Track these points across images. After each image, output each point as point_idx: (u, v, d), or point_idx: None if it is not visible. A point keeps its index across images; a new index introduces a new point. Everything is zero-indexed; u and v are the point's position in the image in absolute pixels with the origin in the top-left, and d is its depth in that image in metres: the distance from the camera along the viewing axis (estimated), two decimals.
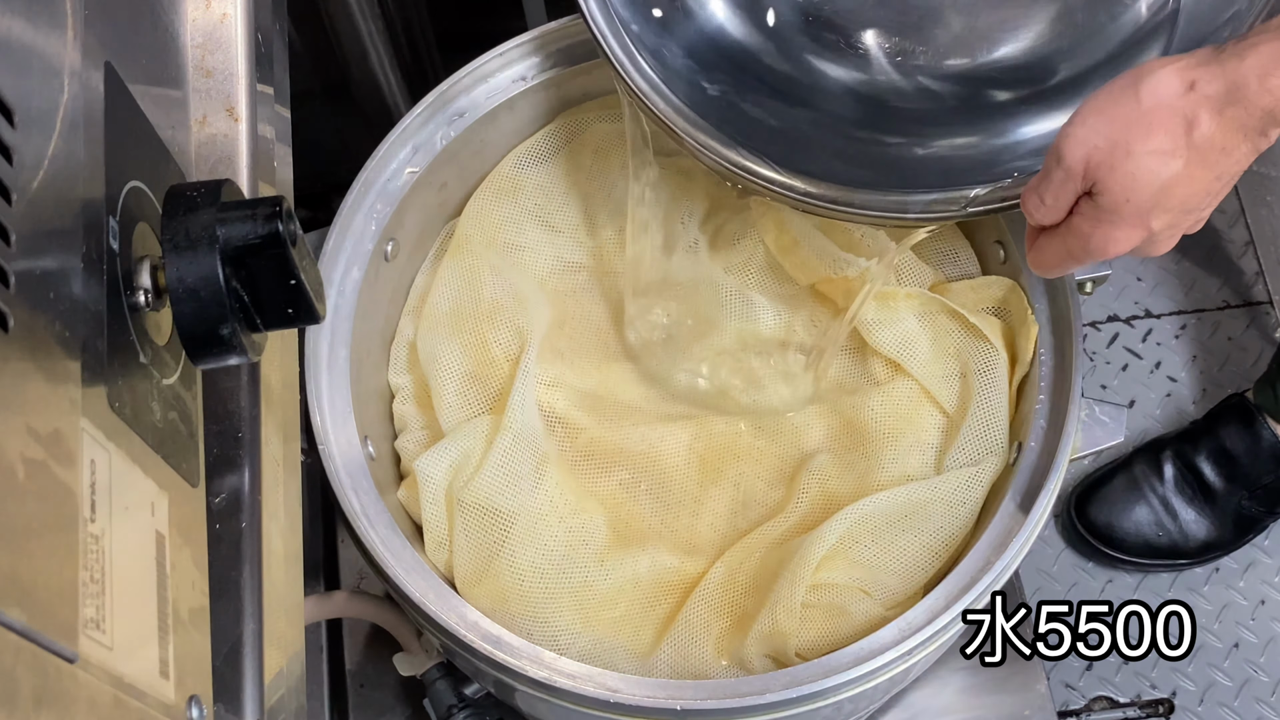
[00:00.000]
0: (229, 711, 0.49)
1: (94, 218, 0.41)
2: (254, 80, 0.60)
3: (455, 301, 0.80)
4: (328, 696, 0.95)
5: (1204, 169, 0.55)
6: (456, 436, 0.75)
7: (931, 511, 0.75)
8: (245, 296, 0.47)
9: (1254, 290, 1.42)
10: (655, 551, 0.76)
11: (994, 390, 0.76)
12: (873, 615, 0.72)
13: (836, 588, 0.73)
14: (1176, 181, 0.55)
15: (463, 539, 0.73)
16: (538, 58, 0.80)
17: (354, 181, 0.76)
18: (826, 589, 0.73)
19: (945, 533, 0.74)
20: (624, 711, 0.65)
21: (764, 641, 0.71)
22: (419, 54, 1.14)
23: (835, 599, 0.72)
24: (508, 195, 0.82)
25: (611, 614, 0.74)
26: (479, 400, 0.78)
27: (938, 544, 0.74)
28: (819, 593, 0.72)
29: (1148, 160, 0.55)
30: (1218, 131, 0.54)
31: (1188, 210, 0.57)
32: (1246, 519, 1.27)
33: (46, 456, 0.36)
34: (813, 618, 0.72)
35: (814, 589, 0.72)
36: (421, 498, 0.74)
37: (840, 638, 0.72)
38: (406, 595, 0.67)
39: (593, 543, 0.76)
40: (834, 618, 0.72)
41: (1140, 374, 1.39)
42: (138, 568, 0.41)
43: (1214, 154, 0.55)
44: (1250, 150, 0.56)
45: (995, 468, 0.75)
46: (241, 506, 0.53)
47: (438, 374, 0.78)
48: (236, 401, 0.55)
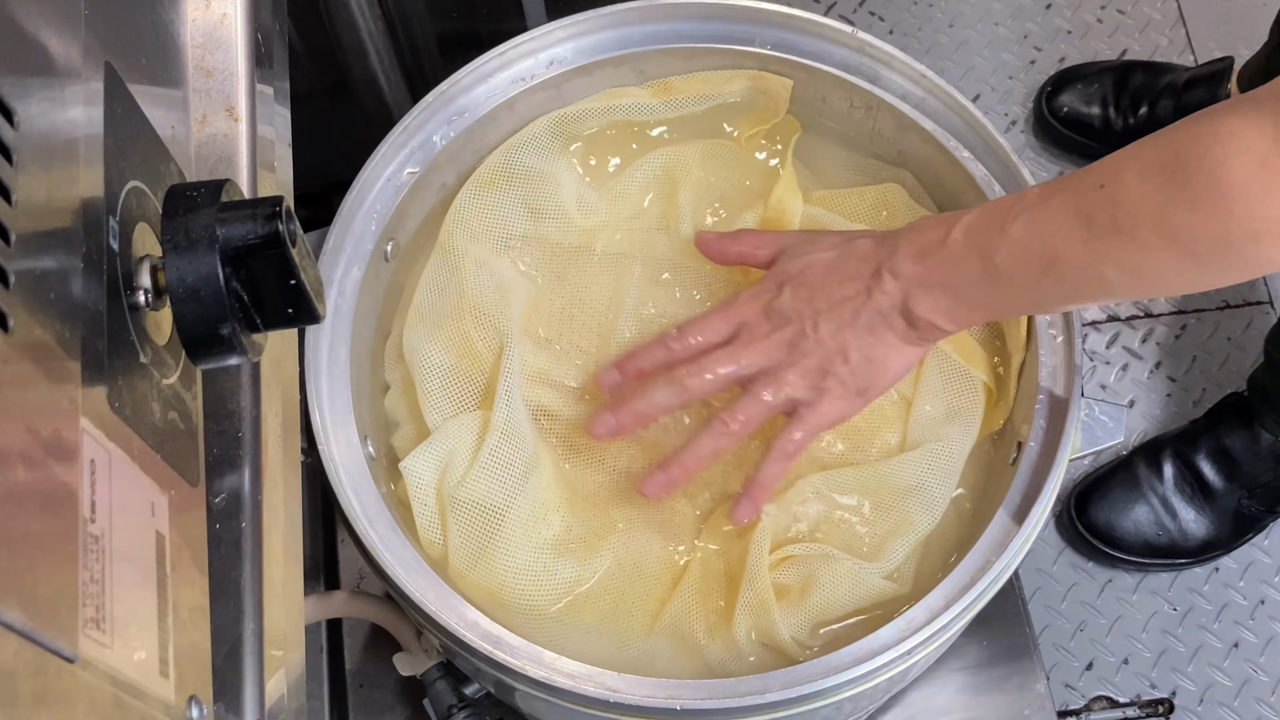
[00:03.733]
0: (229, 711, 0.49)
1: (94, 218, 0.41)
2: (254, 80, 0.60)
3: (438, 297, 0.79)
4: (328, 696, 0.95)
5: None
6: (442, 434, 0.75)
7: (896, 485, 0.75)
8: (245, 296, 0.47)
9: (1254, 290, 1.42)
10: (645, 542, 0.76)
11: (945, 365, 0.78)
12: (850, 576, 0.73)
13: (802, 559, 0.73)
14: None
15: (456, 535, 0.73)
16: (538, 58, 0.80)
17: (354, 181, 0.76)
18: (794, 562, 0.73)
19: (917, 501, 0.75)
20: (624, 711, 0.66)
21: (747, 617, 0.72)
22: (419, 54, 1.14)
23: (802, 569, 0.73)
24: (491, 187, 0.81)
25: (602, 606, 0.74)
26: (465, 396, 0.78)
27: (904, 514, 0.75)
28: (787, 567, 0.73)
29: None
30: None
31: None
32: (1246, 518, 1.27)
33: (46, 456, 0.36)
34: (788, 593, 0.73)
35: (782, 563, 0.73)
36: (411, 497, 0.74)
37: (818, 606, 0.72)
38: (406, 595, 0.67)
39: (584, 535, 0.76)
40: (807, 588, 0.73)
41: (1140, 374, 1.39)
42: (138, 568, 0.42)
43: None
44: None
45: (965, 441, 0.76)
46: (241, 506, 0.53)
47: (421, 370, 0.77)
48: (236, 401, 0.55)
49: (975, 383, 0.78)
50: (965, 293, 0.68)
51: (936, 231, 0.69)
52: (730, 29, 0.81)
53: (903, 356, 0.72)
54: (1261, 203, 0.56)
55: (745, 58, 0.81)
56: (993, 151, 0.77)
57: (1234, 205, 0.57)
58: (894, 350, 0.71)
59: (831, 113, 0.83)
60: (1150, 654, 1.27)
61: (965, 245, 0.67)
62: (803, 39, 0.80)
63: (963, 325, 0.70)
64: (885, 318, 0.70)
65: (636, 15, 0.80)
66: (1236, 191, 0.56)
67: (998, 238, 0.66)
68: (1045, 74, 1.52)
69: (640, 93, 0.82)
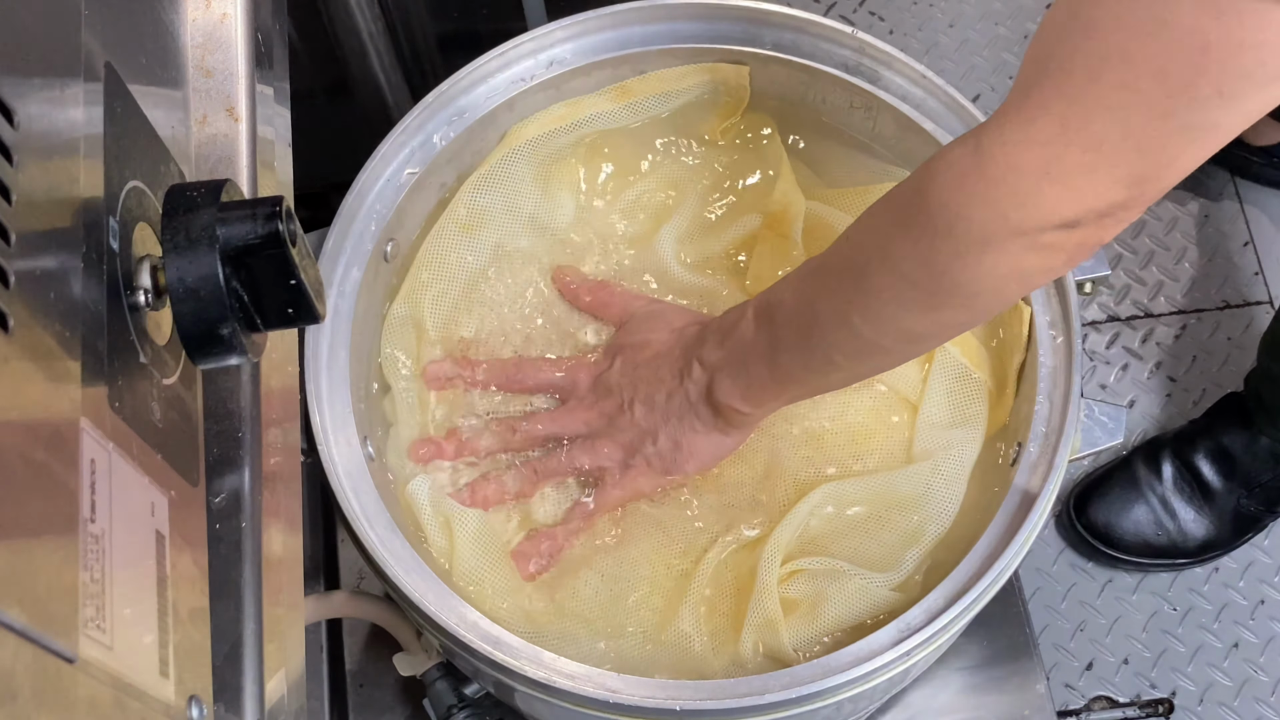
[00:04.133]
0: (229, 711, 0.49)
1: (94, 218, 0.41)
2: (254, 80, 0.60)
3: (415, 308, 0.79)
4: (328, 696, 0.95)
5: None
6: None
7: (904, 495, 0.75)
8: (245, 296, 0.47)
9: (1254, 290, 1.42)
10: (648, 555, 0.76)
11: (951, 369, 0.78)
12: (860, 592, 0.72)
13: (811, 574, 0.73)
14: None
15: (464, 549, 0.74)
16: (538, 58, 0.80)
17: (354, 181, 0.76)
18: (804, 576, 0.73)
19: (925, 510, 0.75)
20: (623, 712, 0.66)
21: (755, 634, 0.72)
22: (419, 54, 1.14)
23: (812, 586, 0.73)
24: (466, 230, 0.81)
25: (607, 619, 0.74)
26: (427, 411, 0.79)
27: (913, 524, 0.75)
28: (796, 581, 0.73)
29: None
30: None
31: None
32: (1245, 518, 1.27)
33: (46, 456, 0.36)
34: (797, 608, 0.73)
35: (791, 577, 0.73)
36: (420, 518, 0.74)
37: (827, 623, 0.72)
38: (406, 595, 0.67)
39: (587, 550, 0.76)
40: (817, 605, 0.72)
41: (1140, 374, 1.39)
42: (138, 568, 0.42)
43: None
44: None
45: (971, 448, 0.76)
46: (241, 506, 0.53)
47: (396, 381, 0.78)
48: (236, 401, 0.55)
49: (980, 388, 0.78)
50: (754, 369, 0.70)
51: (735, 313, 0.72)
52: (730, 29, 0.81)
53: (710, 442, 0.75)
54: (959, 217, 0.55)
55: (745, 58, 0.81)
56: None
57: (937, 222, 0.56)
58: (700, 437, 0.75)
59: (831, 113, 0.83)
60: (1150, 654, 1.28)
61: (754, 321, 0.70)
62: (803, 39, 0.80)
63: (757, 405, 0.72)
64: (693, 406, 0.74)
65: (636, 15, 0.80)
66: (937, 208, 0.55)
67: (777, 306, 0.68)
68: None
69: (599, 101, 0.82)
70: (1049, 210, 0.53)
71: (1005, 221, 0.53)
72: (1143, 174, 0.51)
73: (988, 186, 0.53)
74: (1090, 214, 0.52)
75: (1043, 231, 0.53)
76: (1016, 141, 0.52)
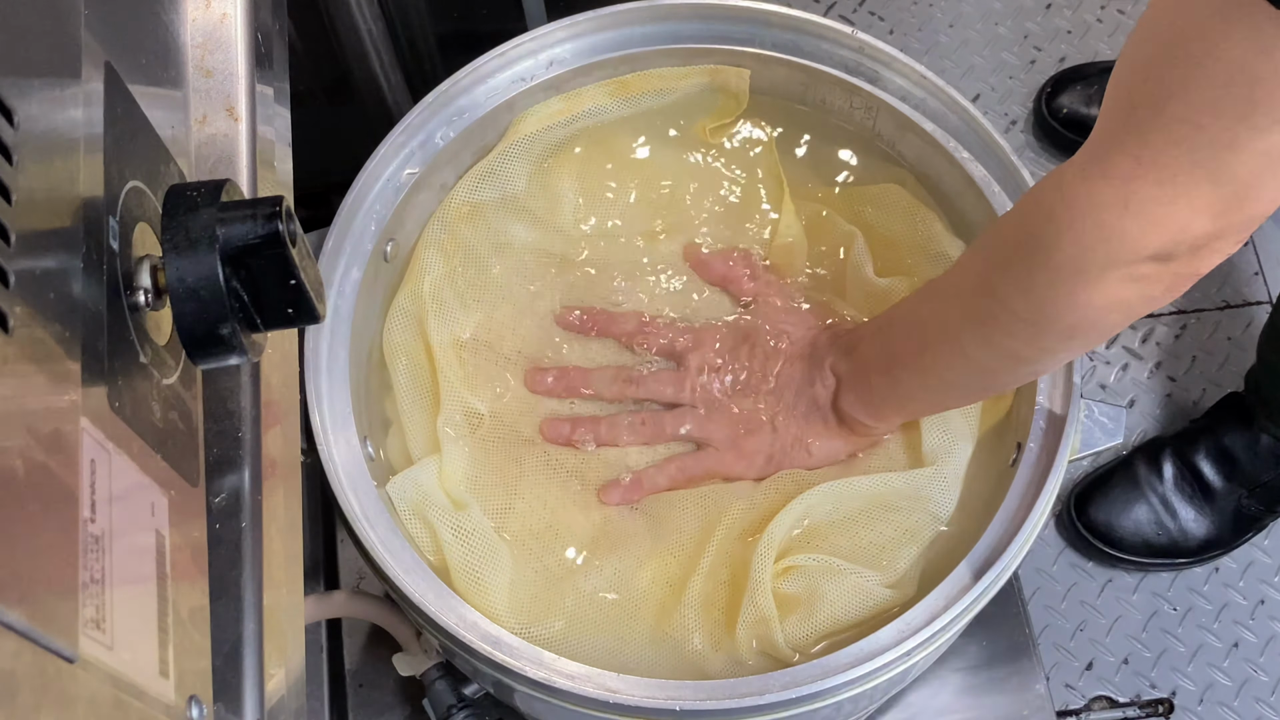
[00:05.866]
0: (229, 711, 0.49)
1: (94, 218, 0.41)
2: (254, 80, 0.60)
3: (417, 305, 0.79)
4: (328, 696, 0.95)
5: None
6: (426, 461, 0.75)
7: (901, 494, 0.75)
8: (245, 296, 0.47)
9: (1254, 290, 1.42)
10: (639, 552, 0.76)
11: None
12: (856, 590, 0.72)
13: (808, 570, 0.73)
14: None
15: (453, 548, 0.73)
16: (538, 58, 0.80)
17: (354, 181, 0.76)
18: (800, 572, 0.73)
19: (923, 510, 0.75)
20: (623, 712, 0.66)
21: (750, 630, 0.72)
22: (419, 54, 1.14)
23: (808, 582, 0.73)
24: (463, 220, 0.81)
25: (599, 618, 0.74)
26: (432, 405, 0.79)
27: (910, 523, 0.75)
28: (792, 578, 0.73)
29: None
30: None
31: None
32: (1246, 517, 1.27)
33: (46, 457, 0.36)
34: (793, 605, 0.72)
35: (787, 573, 0.73)
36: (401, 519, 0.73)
37: (823, 620, 0.72)
38: (406, 595, 0.67)
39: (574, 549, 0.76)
40: (813, 601, 0.72)
41: (1140, 374, 1.39)
42: (138, 568, 0.42)
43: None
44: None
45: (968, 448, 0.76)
46: (241, 506, 0.53)
47: (398, 377, 0.78)
48: (236, 401, 0.55)
49: None
50: (876, 385, 0.72)
51: (863, 328, 0.75)
52: (730, 29, 0.81)
53: (830, 446, 0.77)
54: (1052, 249, 0.55)
55: (745, 58, 0.81)
56: (992, 152, 0.77)
57: (1033, 253, 0.56)
58: (821, 440, 0.76)
59: (831, 113, 0.83)
60: (1150, 654, 1.27)
61: (875, 338, 0.73)
62: (803, 39, 0.80)
63: (880, 419, 0.74)
64: (820, 409, 0.76)
65: (636, 15, 0.80)
66: (1031, 239, 0.56)
67: (894, 324, 0.71)
68: (1045, 74, 1.52)
69: (597, 93, 0.82)
70: (1135, 243, 0.53)
71: (1094, 255, 0.54)
72: (1224, 204, 0.51)
73: (1073, 219, 0.54)
74: (1180, 246, 0.52)
75: (1134, 264, 0.54)
76: (1096, 176, 0.53)
